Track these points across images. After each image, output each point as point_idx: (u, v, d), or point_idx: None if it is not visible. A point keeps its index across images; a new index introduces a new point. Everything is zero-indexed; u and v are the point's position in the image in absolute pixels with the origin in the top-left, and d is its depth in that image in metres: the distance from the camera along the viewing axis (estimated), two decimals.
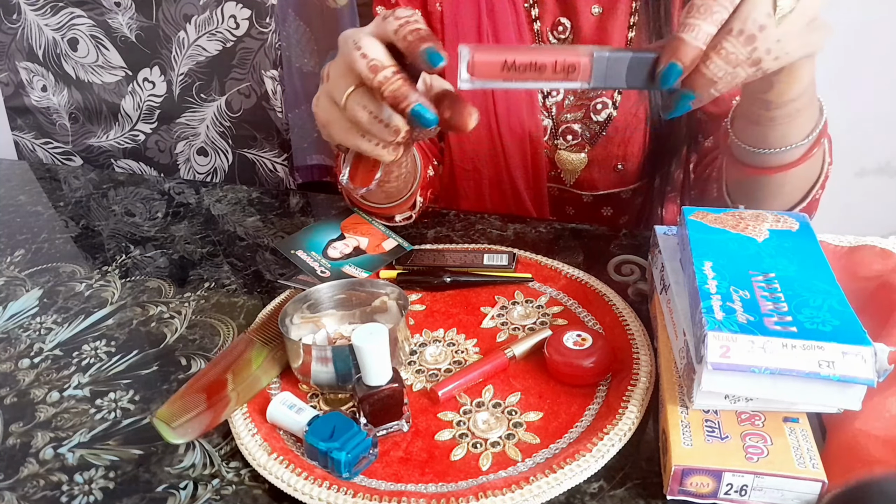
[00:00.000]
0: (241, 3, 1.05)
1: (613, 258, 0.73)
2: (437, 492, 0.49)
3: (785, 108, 0.57)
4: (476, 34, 0.83)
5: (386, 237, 0.78)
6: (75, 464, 0.54)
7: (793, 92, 0.56)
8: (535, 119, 0.85)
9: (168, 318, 0.71)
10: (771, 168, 0.64)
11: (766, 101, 0.57)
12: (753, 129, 0.62)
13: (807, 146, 0.62)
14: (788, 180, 0.65)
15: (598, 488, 0.49)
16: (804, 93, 0.56)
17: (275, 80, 1.09)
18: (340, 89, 0.52)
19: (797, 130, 0.60)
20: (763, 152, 0.62)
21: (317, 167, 1.48)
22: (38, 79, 1.19)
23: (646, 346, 0.59)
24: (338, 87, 0.52)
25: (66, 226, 0.92)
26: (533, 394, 0.57)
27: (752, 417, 0.48)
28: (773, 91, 0.56)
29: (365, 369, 0.52)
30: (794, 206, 0.69)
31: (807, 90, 0.56)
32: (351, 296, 0.64)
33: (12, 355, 0.67)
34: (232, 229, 0.87)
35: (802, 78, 0.55)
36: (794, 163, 0.63)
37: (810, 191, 0.68)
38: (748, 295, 0.49)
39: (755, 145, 0.63)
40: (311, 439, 0.51)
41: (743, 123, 0.63)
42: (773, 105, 0.57)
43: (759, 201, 0.68)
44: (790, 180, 0.65)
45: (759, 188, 0.67)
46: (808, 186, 0.68)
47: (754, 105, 0.59)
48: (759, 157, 0.63)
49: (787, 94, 0.56)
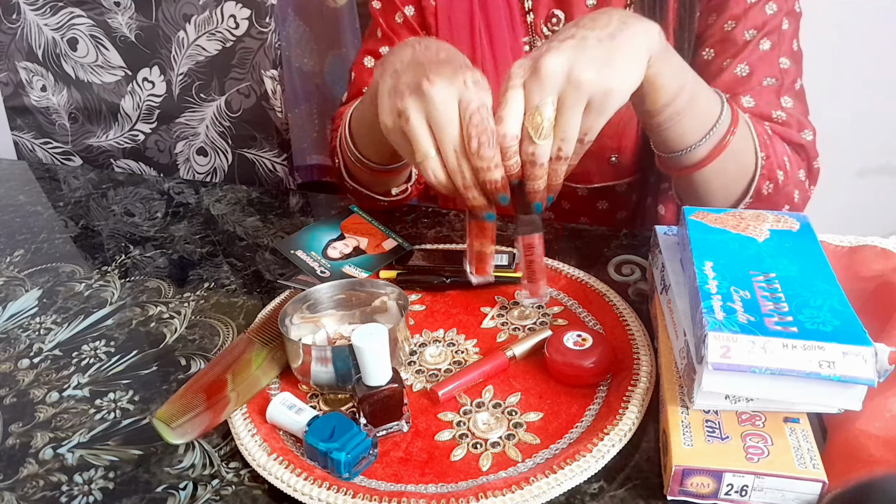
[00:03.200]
0: (241, 3, 1.05)
1: (614, 258, 0.73)
2: (437, 492, 0.48)
3: (664, 114, 0.62)
4: (469, 28, 0.84)
5: (386, 237, 0.78)
6: (75, 464, 0.54)
7: (661, 99, 0.61)
8: None
9: (168, 318, 0.71)
10: (689, 167, 0.68)
11: (645, 111, 0.63)
12: (654, 135, 0.67)
13: (713, 142, 0.66)
14: (713, 175, 0.68)
15: (598, 489, 0.49)
16: (676, 97, 0.61)
17: (275, 79, 1.08)
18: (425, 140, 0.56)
19: (689, 131, 0.65)
20: (673, 155, 0.67)
21: (317, 167, 1.48)
22: (37, 79, 1.18)
23: (646, 346, 0.59)
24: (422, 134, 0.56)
25: (66, 226, 0.92)
26: (533, 394, 0.57)
27: (753, 418, 0.48)
28: (645, 102, 0.61)
29: (365, 369, 0.52)
30: (740, 201, 0.72)
31: (678, 94, 0.61)
32: (351, 296, 0.64)
33: (12, 355, 0.67)
34: (231, 229, 0.87)
35: (664, 85, 0.60)
36: (706, 159, 0.66)
37: (750, 184, 0.71)
38: (749, 295, 0.49)
39: (663, 150, 0.68)
40: (310, 440, 0.51)
41: (648, 132, 0.68)
42: (653, 113, 0.62)
43: (697, 198, 0.72)
44: (715, 175, 0.69)
45: (691, 187, 0.71)
46: (745, 180, 0.71)
47: (639, 115, 0.65)
48: (674, 160, 0.68)
49: (657, 101, 0.61)
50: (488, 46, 0.84)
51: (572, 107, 0.54)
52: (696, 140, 0.65)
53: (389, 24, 0.87)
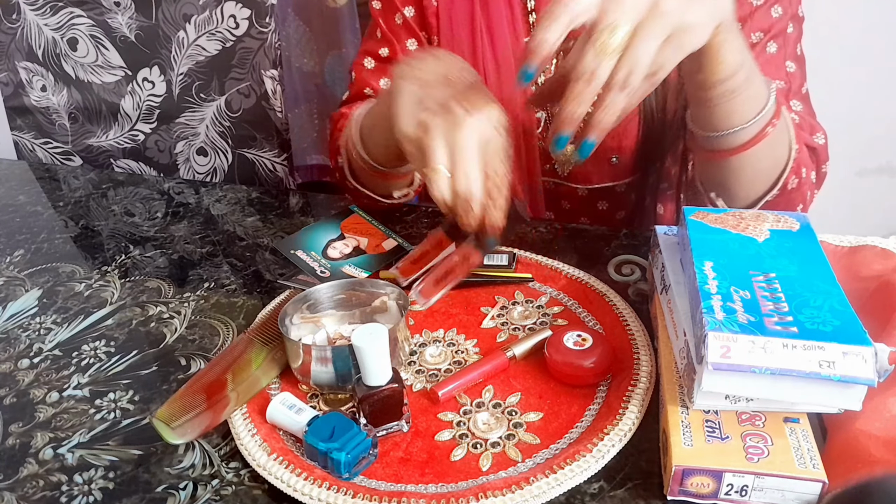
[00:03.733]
0: (241, 3, 1.05)
1: (614, 258, 0.73)
2: (437, 492, 0.48)
3: (719, 88, 0.60)
4: (470, 28, 0.84)
5: (386, 237, 0.78)
6: (75, 464, 0.54)
7: (721, 72, 0.58)
8: (529, 112, 0.85)
9: (168, 318, 0.71)
10: (725, 151, 0.66)
11: (700, 81, 0.60)
12: (699, 111, 0.64)
13: (755, 129, 0.64)
14: (747, 163, 0.67)
15: (598, 489, 0.49)
16: (734, 74, 0.59)
17: (274, 79, 1.08)
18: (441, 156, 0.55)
19: (738, 112, 0.62)
20: (713, 135, 0.65)
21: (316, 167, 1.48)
22: (37, 79, 1.18)
23: (646, 346, 0.59)
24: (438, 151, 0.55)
25: (66, 226, 0.92)
26: (533, 394, 0.57)
27: (753, 418, 0.48)
28: (703, 72, 0.59)
29: (365, 369, 0.52)
30: (767, 193, 0.70)
31: (737, 71, 0.59)
32: (351, 296, 0.64)
33: (12, 355, 0.67)
34: (231, 229, 0.87)
35: (726, 58, 0.57)
36: (745, 145, 0.65)
37: (780, 177, 0.69)
38: (749, 295, 0.49)
39: (704, 129, 0.65)
40: (310, 439, 0.51)
41: (692, 107, 0.66)
42: (706, 85, 0.60)
43: (725, 187, 0.70)
44: (749, 162, 0.67)
45: (720, 172, 0.69)
46: (776, 172, 0.69)
47: (691, 86, 0.62)
48: (711, 141, 0.66)
49: (715, 74, 0.58)
50: (489, 47, 0.84)
51: (652, 35, 0.50)
52: (743, 122, 0.63)
53: (389, 25, 0.87)
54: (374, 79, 0.87)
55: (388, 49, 0.86)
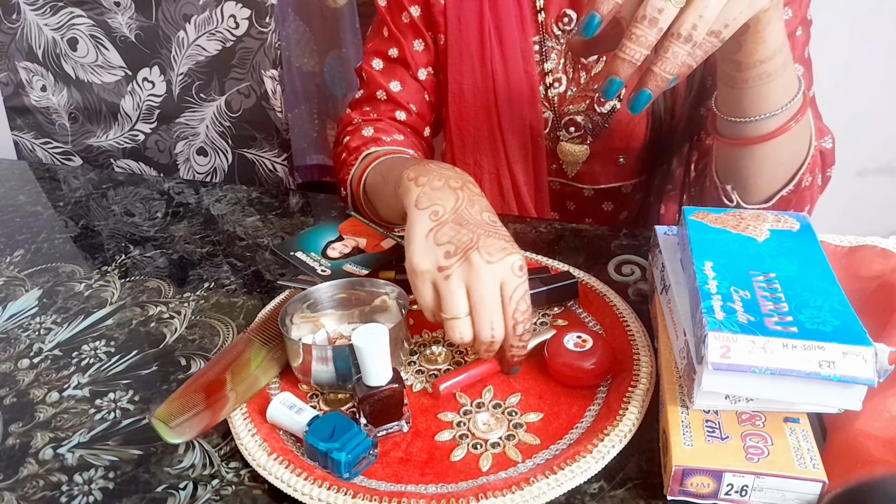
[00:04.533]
0: (241, 3, 1.05)
1: (613, 258, 0.73)
2: (437, 493, 0.48)
3: (755, 70, 0.59)
4: (478, 27, 0.83)
5: (384, 237, 0.78)
6: (75, 464, 0.54)
7: (760, 53, 0.58)
8: (537, 111, 0.85)
9: (167, 318, 0.71)
10: (750, 138, 0.65)
11: (737, 61, 0.59)
12: (729, 93, 0.63)
13: (783, 118, 0.63)
14: (769, 154, 0.66)
15: (598, 489, 0.49)
16: (773, 56, 0.58)
17: (274, 79, 1.09)
18: (462, 304, 0.54)
19: (771, 97, 0.62)
20: (740, 121, 0.64)
21: (316, 167, 1.48)
22: (37, 79, 1.19)
23: (646, 346, 0.59)
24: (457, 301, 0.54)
25: (66, 226, 0.92)
26: (533, 395, 0.57)
27: (753, 418, 0.48)
28: (742, 51, 0.58)
29: (365, 369, 0.52)
30: (782, 189, 0.70)
31: (776, 54, 0.58)
32: (351, 295, 0.64)
33: (12, 355, 0.67)
34: (231, 229, 0.87)
35: (767, 39, 0.56)
36: (771, 134, 0.64)
37: (796, 173, 0.69)
38: (749, 295, 0.49)
39: (732, 113, 0.65)
40: (311, 439, 0.51)
41: (721, 89, 0.65)
42: (743, 66, 0.59)
43: (744, 178, 0.69)
44: (771, 154, 0.67)
45: (741, 162, 0.69)
46: (794, 167, 0.69)
47: (727, 66, 0.61)
48: (737, 127, 0.65)
49: (755, 54, 0.58)
50: (497, 46, 0.83)
51: None
52: (772, 108, 0.62)
53: (396, 23, 0.86)
54: (385, 80, 0.87)
55: (396, 49, 0.86)
